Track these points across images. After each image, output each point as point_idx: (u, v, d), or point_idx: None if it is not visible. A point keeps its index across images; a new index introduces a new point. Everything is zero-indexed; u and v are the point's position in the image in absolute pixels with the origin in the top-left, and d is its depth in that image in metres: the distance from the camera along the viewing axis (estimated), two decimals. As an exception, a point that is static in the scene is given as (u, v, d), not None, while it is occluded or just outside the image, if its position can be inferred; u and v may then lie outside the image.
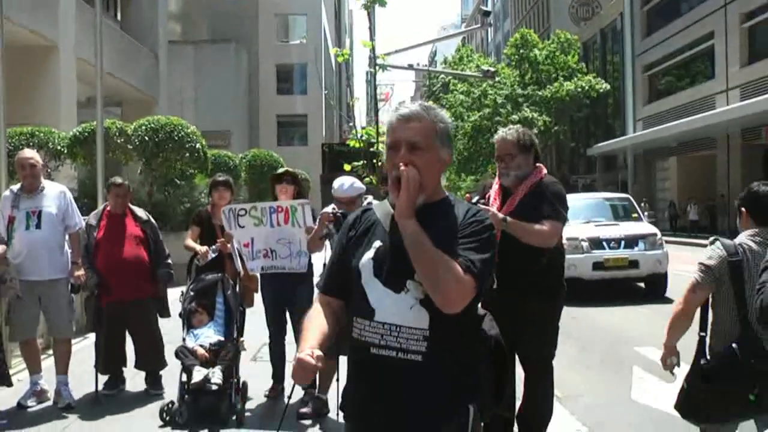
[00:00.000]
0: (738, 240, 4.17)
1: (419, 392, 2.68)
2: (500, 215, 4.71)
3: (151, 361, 7.53)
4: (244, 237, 7.04)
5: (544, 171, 5.16)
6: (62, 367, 7.22)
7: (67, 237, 7.32)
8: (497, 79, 41.31)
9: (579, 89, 42.95)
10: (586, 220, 15.68)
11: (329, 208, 6.33)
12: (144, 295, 7.46)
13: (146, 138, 16.34)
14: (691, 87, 35.96)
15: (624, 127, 42.66)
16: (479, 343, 2.86)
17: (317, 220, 6.57)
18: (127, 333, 7.63)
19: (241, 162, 25.13)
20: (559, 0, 55.25)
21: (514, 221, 4.75)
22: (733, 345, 3.95)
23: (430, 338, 2.66)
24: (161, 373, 7.57)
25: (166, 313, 7.67)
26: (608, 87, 43.46)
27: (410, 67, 28.23)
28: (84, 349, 8.69)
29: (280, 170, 7.62)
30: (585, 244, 14.57)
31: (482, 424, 3.00)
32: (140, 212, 7.74)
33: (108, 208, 7.59)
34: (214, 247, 7.11)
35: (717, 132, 31.84)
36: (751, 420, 4.04)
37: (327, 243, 6.56)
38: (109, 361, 7.45)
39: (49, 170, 16.14)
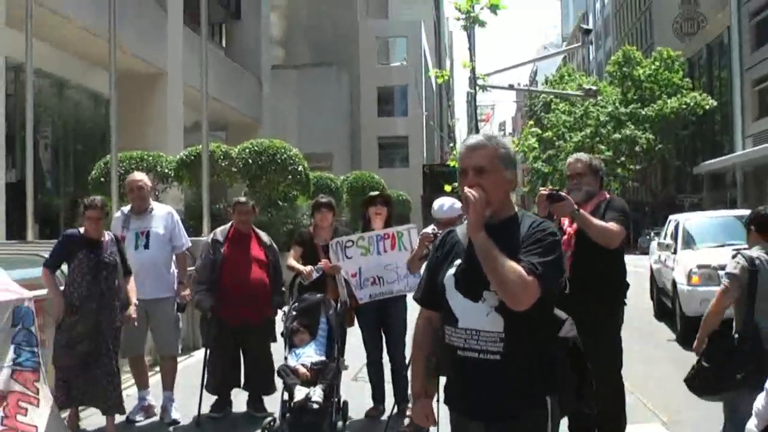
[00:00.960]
0: (754, 254, 5.11)
1: (499, 387, 3.13)
2: (574, 204, 5.21)
3: (264, 385, 7.51)
4: (351, 267, 7.11)
5: (608, 194, 5.82)
6: (169, 384, 7.41)
7: (173, 257, 7.53)
8: (599, 97, 40.74)
9: (684, 106, 41.93)
10: (719, 243, 12.59)
11: (429, 229, 6.32)
12: (264, 319, 7.49)
13: (250, 161, 16.68)
14: (803, 102, 34.64)
15: (732, 144, 41.36)
16: (556, 344, 3.25)
17: (417, 241, 6.58)
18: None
19: (342, 184, 25.39)
20: (663, 15, 54.07)
21: (584, 212, 5.28)
22: (735, 335, 5.03)
23: (505, 340, 3.10)
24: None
25: (273, 338, 7.67)
26: (715, 103, 42.28)
27: (511, 87, 28.07)
28: (189, 367, 8.87)
29: (373, 193, 7.70)
30: (722, 274, 11.32)
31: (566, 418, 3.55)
32: (264, 236, 7.78)
33: (234, 227, 7.63)
34: (319, 266, 7.19)
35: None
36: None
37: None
38: (222, 382, 7.48)
39: (157, 192, 16.67)
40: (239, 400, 7.58)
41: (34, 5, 12.44)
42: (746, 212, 9.54)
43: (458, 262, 3.26)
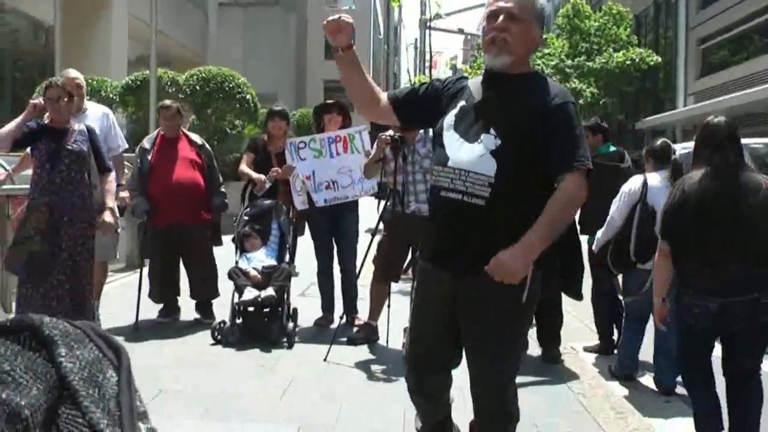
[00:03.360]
0: None
1: (477, 237, 3.01)
2: None
3: (207, 290, 7.32)
4: (305, 170, 7.04)
5: None
6: (96, 292, 6.91)
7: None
8: (546, 51, 40.87)
9: (629, 61, 42.28)
10: None
11: (389, 132, 6.21)
12: (200, 220, 7.19)
13: (197, 88, 16.36)
14: (746, 61, 35.19)
15: (674, 101, 41.95)
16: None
17: (375, 144, 6.52)
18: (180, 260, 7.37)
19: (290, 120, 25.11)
20: (613, -28, 54.29)
21: None
22: None
23: (494, 185, 2.95)
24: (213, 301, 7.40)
25: (218, 242, 7.46)
26: (659, 60, 42.70)
27: (461, 31, 28.03)
28: (132, 282, 8.71)
29: (328, 101, 7.61)
30: None
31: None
32: (195, 137, 7.54)
33: (161, 133, 7.41)
34: (270, 175, 7.11)
35: (769, 107, 31.17)
36: None
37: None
38: (164, 288, 7.31)
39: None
40: (188, 307, 7.46)
41: None
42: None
43: (462, 104, 3.17)
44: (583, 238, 6.40)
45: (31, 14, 21.97)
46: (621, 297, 6.35)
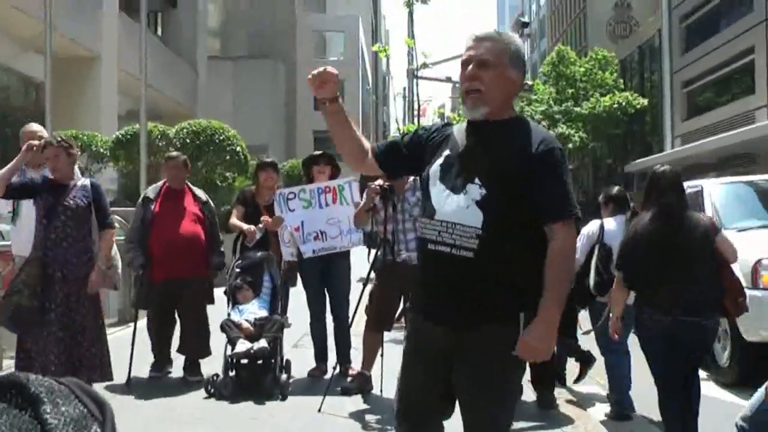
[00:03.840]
0: None
1: (468, 290, 2.94)
2: None
3: (198, 347, 7.18)
4: (294, 221, 7.07)
5: None
6: None
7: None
8: (534, 96, 41.23)
9: (616, 105, 42.66)
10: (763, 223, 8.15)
11: (378, 182, 6.26)
12: (199, 275, 7.11)
13: (187, 140, 16.47)
14: (730, 103, 35.55)
15: (662, 144, 42.27)
16: (539, 256, 2.94)
17: (364, 195, 6.55)
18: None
19: (280, 171, 25.23)
20: (597, 18, 54.96)
21: None
22: None
23: (482, 236, 2.89)
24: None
25: (210, 300, 7.37)
26: (645, 103, 43.10)
27: (448, 79, 28.25)
28: (125, 337, 8.67)
29: (316, 152, 7.67)
30: None
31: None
32: (200, 193, 7.50)
33: (167, 184, 7.33)
34: (260, 225, 7.14)
35: (756, 148, 31.38)
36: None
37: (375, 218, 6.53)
38: (162, 341, 7.23)
39: (91, 172, 16.39)
40: (180, 361, 7.34)
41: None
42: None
43: (446, 153, 3.09)
44: None
45: (22, 71, 22.11)
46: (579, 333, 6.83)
